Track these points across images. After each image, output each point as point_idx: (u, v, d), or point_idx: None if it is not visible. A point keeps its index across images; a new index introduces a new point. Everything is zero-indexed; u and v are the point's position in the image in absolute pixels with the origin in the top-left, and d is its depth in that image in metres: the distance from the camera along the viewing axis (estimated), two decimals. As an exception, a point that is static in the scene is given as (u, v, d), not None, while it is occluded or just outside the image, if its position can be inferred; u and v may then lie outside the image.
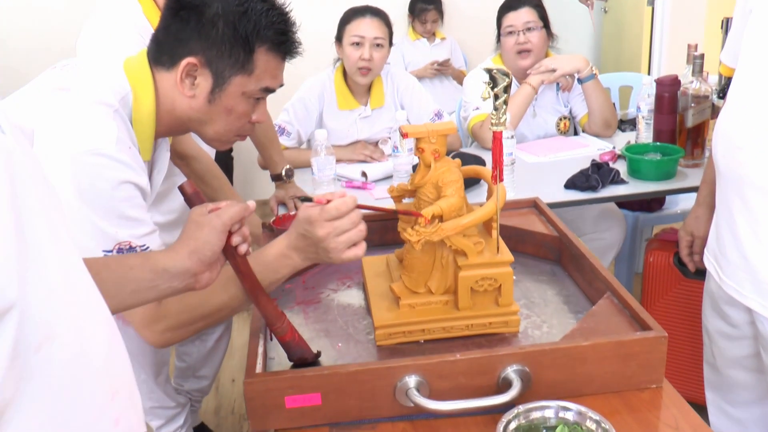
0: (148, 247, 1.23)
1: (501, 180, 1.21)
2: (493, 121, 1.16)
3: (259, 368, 1.11)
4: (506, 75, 1.13)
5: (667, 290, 2.27)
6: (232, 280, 1.20)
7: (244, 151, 2.14)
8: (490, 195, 1.36)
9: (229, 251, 1.11)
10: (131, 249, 1.21)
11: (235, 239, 1.10)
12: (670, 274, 2.25)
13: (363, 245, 1.21)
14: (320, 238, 1.19)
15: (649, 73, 5.13)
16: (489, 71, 1.13)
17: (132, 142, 1.27)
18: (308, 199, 1.25)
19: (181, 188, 1.11)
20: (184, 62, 1.27)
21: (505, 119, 1.16)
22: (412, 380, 1.08)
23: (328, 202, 1.20)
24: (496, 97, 1.14)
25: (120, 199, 1.20)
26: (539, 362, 1.09)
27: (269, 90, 1.34)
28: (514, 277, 1.45)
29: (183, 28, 1.27)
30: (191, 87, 1.29)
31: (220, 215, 1.08)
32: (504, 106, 1.15)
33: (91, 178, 1.17)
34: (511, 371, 1.09)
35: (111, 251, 1.19)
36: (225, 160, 4.53)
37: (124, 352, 0.71)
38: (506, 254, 1.26)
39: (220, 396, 2.85)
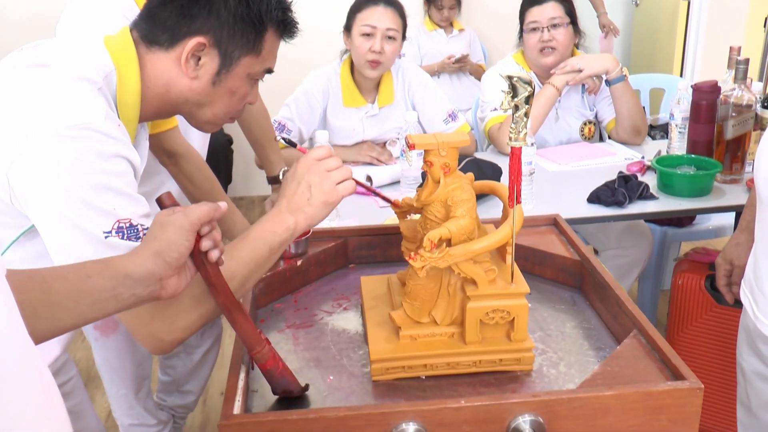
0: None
1: (518, 202, 1.14)
2: (512, 136, 1.09)
3: (237, 407, 1.04)
4: (528, 83, 1.05)
5: (697, 316, 2.19)
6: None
7: (246, 143, 2.08)
8: (505, 216, 1.29)
9: (198, 259, 1.06)
10: (132, 228, 1.15)
11: (205, 243, 1.05)
12: (701, 299, 2.17)
13: (353, 182, 1.28)
14: (312, 172, 1.24)
15: (681, 75, 5.02)
16: (509, 78, 1.05)
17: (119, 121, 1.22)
18: (292, 143, 1.35)
19: (159, 200, 1.06)
20: (192, 42, 1.24)
21: (525, 134, 1.08)
22: (409, 428, 1.01)
23: None
24: (517, 108, 1.07)
25: (113, 173, 1.14)
26: (555, 412, 1.03)
27: (270, 71, 1.35)
28: (529, 306, 1.37)
29: (188, 5, 1.24)
30: (195, 68, 1.27)
31: (187, 214, 1.03)
32: (525, 119, 1.07)
33: (78, 153, 1.11)
34: (522, 421, 1.02)
35: (110, 232, 1.14)
36: (225, 153, 4.50)
37: (58, 403, 0.63)
38: (522, 285, 1.20)
39: (207, 410, 2.80)
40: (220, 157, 4.36)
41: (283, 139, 1.42)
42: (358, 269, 1.59)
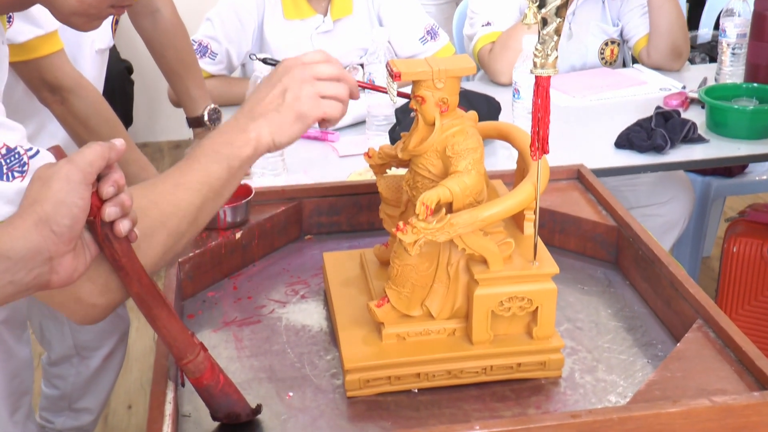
0: (38, 152, 1.08)
1: (546, 152, 1.11)
2: (538, 61, 1.06)
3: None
4: (561, -11, 1.02)
5: (757, 293, 2.23)
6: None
7: (150, 72, 2.00)
8: (522, 170, 1.26)
9: (101, 234, 1.00)
10: (12, 153, 1.05)
11: (110, 210, 0.98)
12: (762, 271, 2.20)
13: (342, 106, 1.21)
14: (293, 75, 1.18)
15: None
16: (535, -19, 1.01)
17: None
18: (274, 62, 1.29)
19: None
20: None
21: (555, 58, 1.07)
22: (405, 464, 0.98)
23: None
24: (545, 22, 1.04)
25: None
26: (602, 437, 1.01)
27: None
28: (552, 289, 1.37)
29: None
30: None
31: (73, 160, 0.96)
32: (555, 38, 1.05)
33: None
34: (558, 451, 1.01)
35: None
36: (122, 84, 4.42)
37: None
38: (548, 263, 1.18)
39: (109, 429, 2.77)
40: (116, 90, 4.28)
41: (264, 60, 1.34)
42: (317, 242, 1.58)
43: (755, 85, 2.33)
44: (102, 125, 1.83)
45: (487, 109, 2.20)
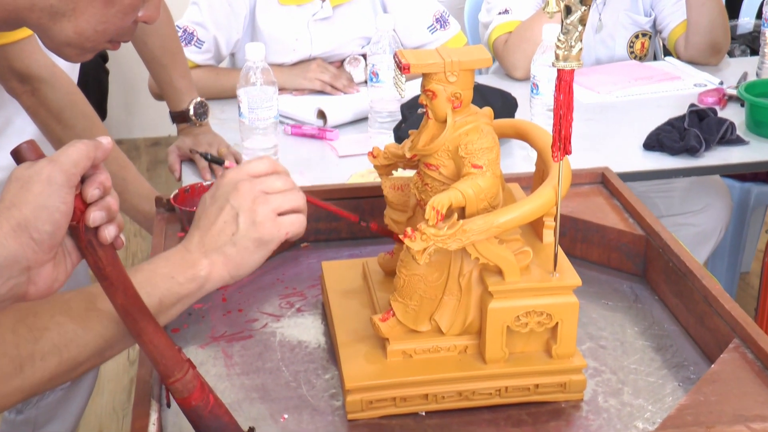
0: None
1: (568, 152, 1.12)
2: (560, 53, 1.08)
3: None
4: (587, -25, 1.04)
5: (801, 313, 2.22)
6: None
7: (128, 61, 2.00)
8: (541, 174, 1.28)
9: (85, 240, 1.01)
10: None
11: (95, 215, 1.00)
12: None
13: (303, 219, 1.21)
14: (242, 193, 1.16)
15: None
16: (560, -34, 1.03)
17: None
18: (217, 161, 1.26)
19: (15, 153, 1.01)
20: None
21: (580, 49, 1.07)
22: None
23: None
24: (568, 10, 1.05)
25: None
26: (629, 466, 1.02)
27: None
28: (574, 304, 1.38)
29: None
30: None
31: (56, 160, 0.97)
32: (580, 28, 1.06)
33: None
34: (581, 481, 1.02)
35: None
36: (96, 75, 4.42)
37: None
38: (569, 274, 1.19)
39: (79, 457, 2.76)
40: (89, 80, 4.28)
41: (203, 155, 1.29)
42: (314, 250, 1.59)
43: (801, 80, 2.35)
44: (77, 119, 1.85)
45: (502, 105, 2.22)
